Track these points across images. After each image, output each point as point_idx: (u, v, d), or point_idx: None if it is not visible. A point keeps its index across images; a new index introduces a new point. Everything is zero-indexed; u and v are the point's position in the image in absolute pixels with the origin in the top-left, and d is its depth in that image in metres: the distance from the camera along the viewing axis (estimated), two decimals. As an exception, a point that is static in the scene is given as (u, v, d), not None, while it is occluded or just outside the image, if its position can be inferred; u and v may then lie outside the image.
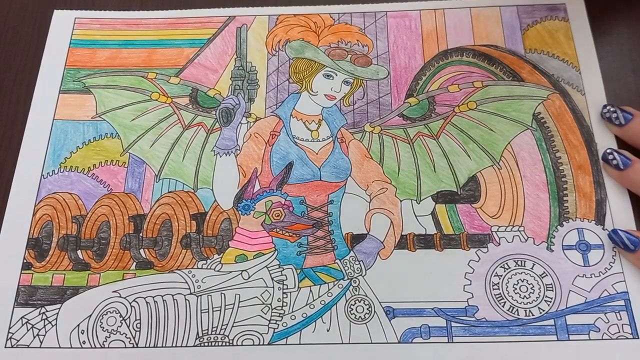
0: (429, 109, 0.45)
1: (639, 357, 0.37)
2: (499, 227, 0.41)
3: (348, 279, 0.40)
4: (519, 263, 0.40)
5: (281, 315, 0.38)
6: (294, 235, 0.41)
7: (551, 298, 0.39)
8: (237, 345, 0.38)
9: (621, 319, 0.38)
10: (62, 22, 0.49)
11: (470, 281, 0.39)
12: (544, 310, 0.38)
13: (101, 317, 0.39)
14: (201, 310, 0.39)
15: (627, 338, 0.37)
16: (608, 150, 0.42)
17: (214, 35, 0.48)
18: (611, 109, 0.43)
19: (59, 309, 0.39)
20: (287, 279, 0.39)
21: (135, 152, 0.44)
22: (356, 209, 0.42)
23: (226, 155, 0.44)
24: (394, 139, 0.44)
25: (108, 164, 0.44)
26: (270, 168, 0.43)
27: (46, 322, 0.39)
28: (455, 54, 0.47)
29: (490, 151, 0.43)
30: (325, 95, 0.45)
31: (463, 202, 0.42)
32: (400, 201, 0.42)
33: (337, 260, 0.40)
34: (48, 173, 0.43)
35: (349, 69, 0.46)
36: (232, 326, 0.38)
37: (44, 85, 0.46)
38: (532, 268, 0.39)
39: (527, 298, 0.39)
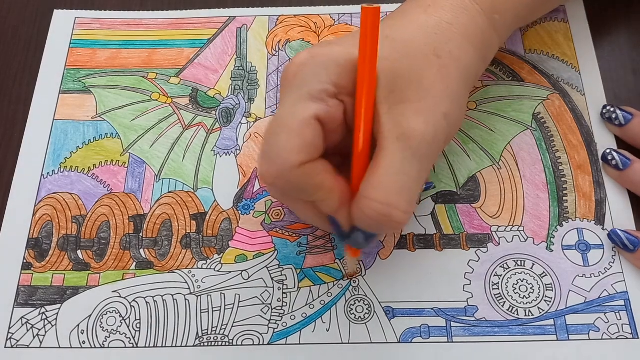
0: (429, 109, 0.45)
1: (639, 357, 0.37)
2: (499, 227, 0.41)
3: (348, 278, 0.40)
4: (519, 263, 0.40)
5: (281, 315, 0.38)
6: (294, 235, 0.41)
7: (551, 298, 0.39)
8: (237, 345, 0.38)
9: (621, 319, 0.38)
10: (62, 22, 0.49)
11: (470, 281, 0.39)
12: (543, 310, 0.38)
13: (101, 317, 0.39)
14: (201, 310, 0.39)
15: (627, 338, 0.37)
16: (607, 151, 0.42)
17: (214, 36, 0.48)
18: (611, 109, 0.43)
19: (59, 309, 0.39)
20: (287, 279, 0.40)
21: (136, 152, 0.44)
22: (356, 209, 0.42)
23: (226, 155, 0.44)
24: (393, 139, 0.44)
25: (108, 164, 0.44)
26: (270, 168, 0.43)
27: (46, 322, 0.39)
28: (455, 54, 0.47)
29: (490, 151, 0.43)
30: (325, 95, 0.45)
31: (463, 202, 0.42)
32: (400, 201, 0.42)
33: (337, 260, 0.40)
34: (48, 173, 0.43)
35: (349, 69, 0.46)
36: (232, 326, 0.38)
37: (44, 85, 0.47)
38: (531, 268, 0.39)
39: (526, 298, 0.39)
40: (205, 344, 0.38)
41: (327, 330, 0.38)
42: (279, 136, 0.31)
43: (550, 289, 0.39)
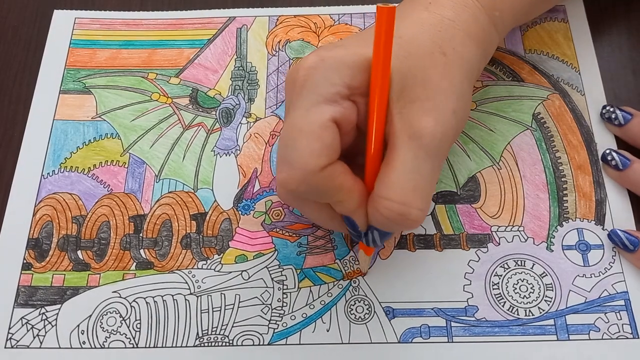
0: (429, 109, 0.45)
1: (639, 357, 0.37)
2: (499, 227, 0.41)
3: (348, 279, 0.40)
4: (519, 263, 0.40)
5: (281, 315, 0.38)
6: (294, 235, 0.41)
7: (551, 298, 0.39)
8: (237, 345, 0.38)
9: (621, 319, 0.38)
10: (62, 22, 0.49)
11: (470, 281, 0.39)
12: (543, 310, 0.38)
13: (101, 318, 0.39)
14: (201, 310, 0.39)
15: (627, 338, 0.37)
16: (607, 151, 0.42)
17: (214, 36, 0.48)
18: (610, 109, 0.43)
19: (59, 309, 0.39)
20: (287, 279, 0.40)
21: (136, 153, 0.44)
22: (356, 209, 0.42)
23: (226, 155, 0.44)
24: (393, 139, 0.44)
25: (108, 164, 0.44)
26: (270, 168, 0.43)
27: (46, 322, 0.39)
28: (455, 55, 0.47)
29: (490, 151, 0.43)
30: (325, 95, 0.45)
31: (463, 202, 0.42)
32: (400, 201, 0.42)
33: (337, 260, 0.40)
34: (48, 173, 0.43)
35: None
36: (232, 326, 0.38)
37: (44, 85, 0.47)
38: (532, 268, 0.39)
39: (527, 298, 0.39)
40: (206, 344, 0.38)
41: (327, 331, 0.38)
42: (298, 141, 0.31)
43: (551, 288, 0.39)
